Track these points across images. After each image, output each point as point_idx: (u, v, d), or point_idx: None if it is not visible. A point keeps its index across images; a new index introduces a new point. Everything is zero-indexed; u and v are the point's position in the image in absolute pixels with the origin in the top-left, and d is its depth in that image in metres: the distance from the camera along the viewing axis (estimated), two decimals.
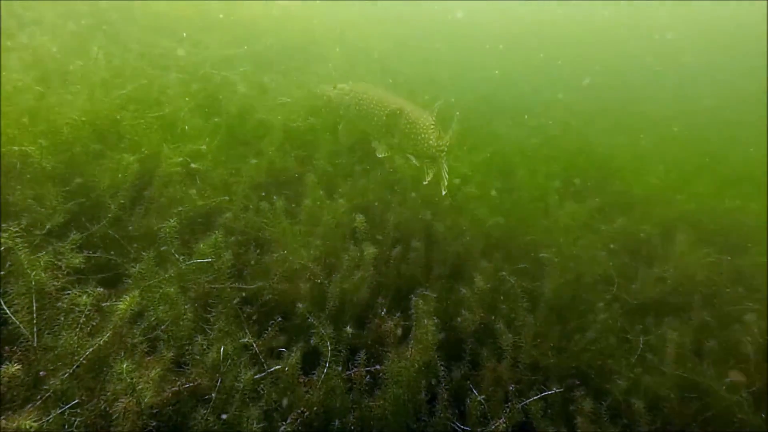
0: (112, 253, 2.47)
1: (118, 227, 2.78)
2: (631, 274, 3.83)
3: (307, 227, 3.42)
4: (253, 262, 3.11)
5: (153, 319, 2.12)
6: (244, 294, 2.83)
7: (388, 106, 3.95)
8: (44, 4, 4.27)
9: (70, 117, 2.75)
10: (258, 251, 3.27)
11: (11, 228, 1.79)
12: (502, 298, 3.00)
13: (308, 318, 2.48)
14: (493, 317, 2.96)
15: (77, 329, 1.77)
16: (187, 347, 2.13)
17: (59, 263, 2.01)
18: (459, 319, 2.87)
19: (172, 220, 2.29)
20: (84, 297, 1.76)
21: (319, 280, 2.84)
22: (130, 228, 2.83)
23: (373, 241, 3.15)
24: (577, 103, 9.18)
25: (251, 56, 5.24)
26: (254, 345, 2.27)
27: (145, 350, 2.02)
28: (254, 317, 2.67)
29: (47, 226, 2.27)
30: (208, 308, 2.52)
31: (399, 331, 2.80)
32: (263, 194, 3.68)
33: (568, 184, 5.32)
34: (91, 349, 1.75)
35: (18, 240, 1.77)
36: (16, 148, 2.47)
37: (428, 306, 2.79)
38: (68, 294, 1.81)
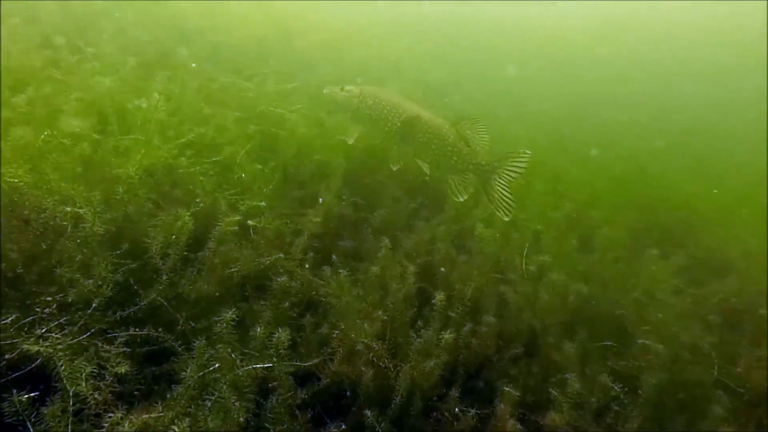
0: (159, 329, 2.21)
1: (167, 292, 2.54)
2: (733, 353, 3.30)
3: (367, 289, 3.11)
4: (308, 331, 2.80)
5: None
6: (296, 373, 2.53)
7: (403, 112, 3.74)
8: (104, 39, 4.20)
9: (127, 173, 2.54)
10: (312, 316, 2.97)
11: (56, 334, 1.54)
12: (595, 399, 2.54)
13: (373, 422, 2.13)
14: (585, 415, 2.52)
15: None
16: None
17: (103, 370, 1.76)
18: (545, 420, 2.46)
19: (229, 312, 2.00)
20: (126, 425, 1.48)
21: (383, 365, 2.50)
22: (180, 291, 2.59)
23: (442, 314, 2.79)
24: (645, 128, 8.52)
25: (307, 89, 5.03)
26: None
27: None
28: (310, 409, 2.34)
29: (93, 304, 2.03)
30: (262, 398, 2.23)
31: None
32: (319, 247, 3.40)
33: (646, 236, 4.80)
34: None
35: (59, 347, 1.52)
36: (68, 209, 2.26)
37: (511, 403, 2.39)
38: (110, 417, 1.53)
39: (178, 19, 5.52)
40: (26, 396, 1.45)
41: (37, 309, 1.97)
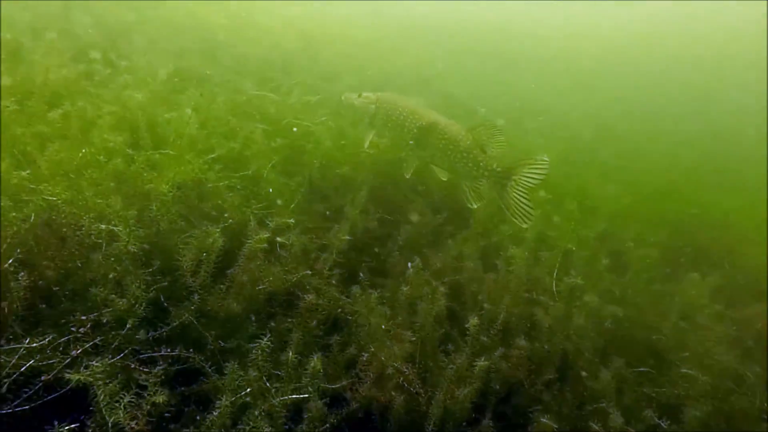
0: (190, 350, 2.19)
1: (197, 310, 2.53)
2: None
3: (395, 309, 3.06)
4: (336, 351, 2.76)
5: None
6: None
7: (420, 119, 3.73)
8: (136, 52, 4.26)
9: (159, 190, 2.55)
10: (339, 335, 2.93)
11: (94, 362, 1.52)
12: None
13: None
14: None
15: None
16: None
17: (141, 399, 1.74)
18: None
19: (264, 340, 1.97)
20: None
21: (414, 390, 2.44)
22: (209, 308, 2.57)
23: (474, 338, 2.71)
24: (673, 138, 8.29)
25: (331, 101, 5.03)
26: None
27: None
28: None
29: (128, 324, 2.02)
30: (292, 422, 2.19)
31: None
32: (345, 263, 3.36)
33: (679, 254, 4.65)
34: None
35: (98, 376, 1.51)
36: (103, 226, 2.27)
37: None
38: None
39: (206, 32, 5.60)
40: (67, 428, 1.43)
41: (72, 328, 1.97)
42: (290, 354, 2.15)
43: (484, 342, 2.75)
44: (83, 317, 2.03)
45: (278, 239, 2.89)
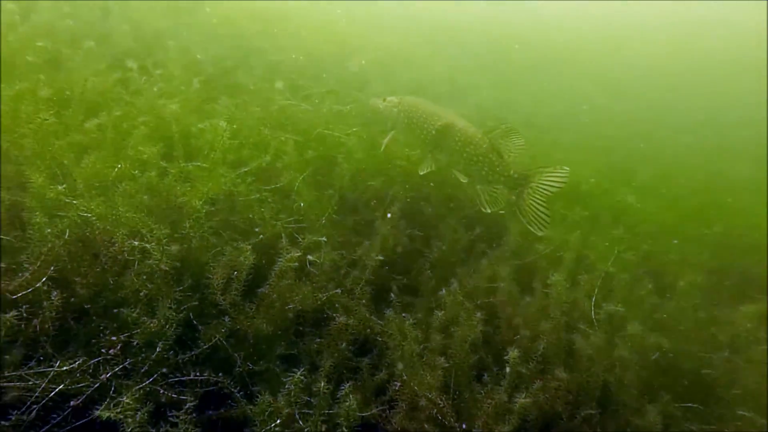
0: (219, 374, 2.13)
1: (226, 329, 2.48)
2: None
3: (427, 332, 2.95)
4: (366, 374, 2.67)
5: None
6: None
7: (438, 120, 3.71)
8: (170, 59, 4.28)
9: (192, 206, 2.50)
10: (369, 357, 2.84)
11: (126, 398, 1.47)
12: None
13: None
14: None
15: None
16: None
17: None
18: None
19: (297, 372, 1.89)
20: None
21: (449, 424, 2.32)
22: (239, 328, 2.52)
23: (512, 370, 2.58)
24: (714, 150, 7.89)
25: (363, 110, 4.95)
26: None
27: None
28: None
29: (158, 348, 1.97)
30: None
31: None
32: (375, 280, 3.26)
33: (723, 278, 4.39)
34: None
35: (129, 410, 1.45)
36: (136, 242, 2.23)
37: None
38: None
39: (241, 38, 5.61)
40: None
41: (102, 350, 1.93)
42: (322, 384, 2.06)
43: (522, 372, 2.61)
44: (113, 337, 1.99)
45: (309, 257, 2.81)
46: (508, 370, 2.45)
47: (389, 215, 3.71)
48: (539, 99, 7.66)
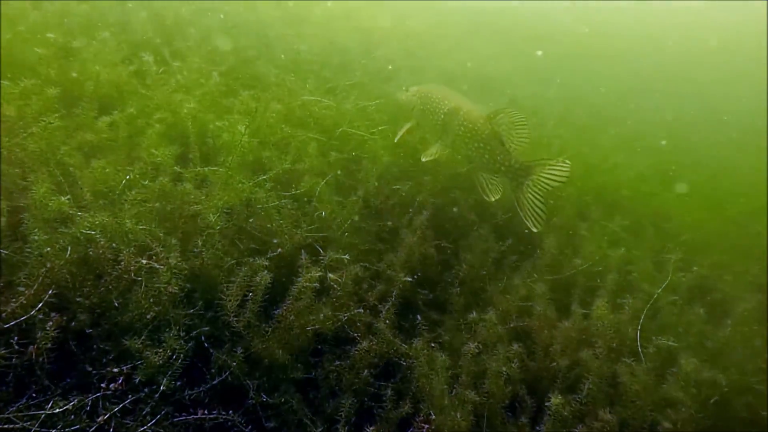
0: (230, 411, 1.94)
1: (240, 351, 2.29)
2: None
3: (453, 355, 2.72)
4: (389, 404, 2.46)
5: None
6: None
7: (447, 104, 3.62)
8: (190, 49, 4.06)
9: (206, 220, 2.30)
10: (393, 383, 2.63)
11: None
12: None
13: None
14: None
15: None
16: None
17: None
18: None
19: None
20: None
21: None
22: (252, 351, 2.33)
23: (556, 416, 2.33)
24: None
25: (388, 107, 4.67)
26: None
27: None
28: None
29: (162, 385, 1.79)
30: None
31: None
32: (399, 294, 3.03)
33: None
34: None
35: None
36: (144, 261, 2.04)
37: None
38: None
39: (262, 27, 5.35)
40: None
41: (102, 385, 1.75)
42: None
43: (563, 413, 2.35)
44: (115, 369, 1.81)
45: (329, 275, 2.59)
46: (548, 416, 2.20)
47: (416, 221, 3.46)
48: (575, 94, 7.22)
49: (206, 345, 2.22)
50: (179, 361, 1.90)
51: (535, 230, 3.30)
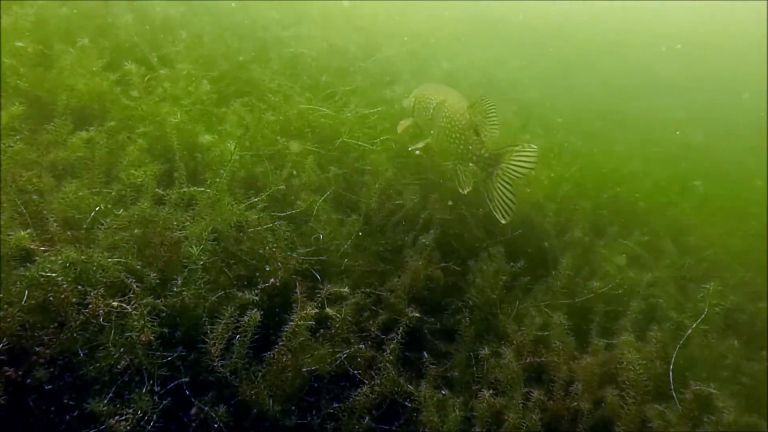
0: None
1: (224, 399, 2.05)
2: None
3: (464, 393, 2.48)
4: None
5: None
6: None
7: (436, 99, 3.55)
8: (180, 53, 3.80)
9: (189, 252, 2.05)
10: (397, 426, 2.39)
11: None
12: None
13: None
14: None
15: None
16: None
17: None
18: None
19: None
20: None
21: None
22: (239, 399, 2.08)
23: None
24: None
25: (391, 113, 4.42)
26: None
27: None
28: None
29: None
30: None
31: None
32: (402, 320, 2.78)
33: None
34: None
35: None
36: (114, 303, 1.79)
37: None
38: None
39: (257, 29, 5.08)
40: None
41: None
42: None
43: None
44: None
45: (327, 310, 2.33)
46: None
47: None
48: (583, 97, 6.93)
49: (187, 393, 1.97)
50: (151, 423, 1.64)
51: (503, 221, 3.16)
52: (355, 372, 2.48)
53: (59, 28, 3.27)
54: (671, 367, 2.52)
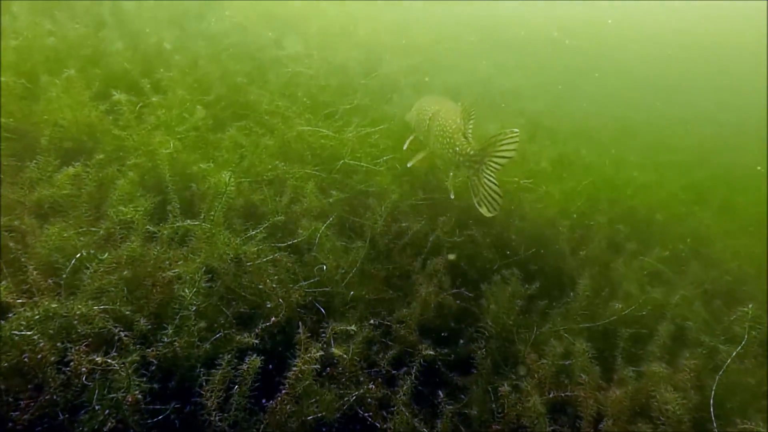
0: None
1: None
2: None
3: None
4: None
5: None
6: None
7: (432, 109, 3.58)
8: (173, 78, 3.69)
9: (183, 295, 1.89)
10: None
11: None
12: None
13: None
14: None
15: None
16: None
17: None
18: None
19: None
20: None
21: None
22: None
23: None
24: None
25: (395, 130, 4.28)
26: None
27: None
28: None
29: None
30: None
31: None
32: (414, 352, 2.59)
33: None
34: None
35: None
36: (98, 359, 1.63)
37: None
38: None
39: (254, 49, 4.99)
40: None
41: None
42: None
43: None
44: None
45: (333, 350, 2.16)
46: None
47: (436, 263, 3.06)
48: (590, 104, 6.77)
49: None
50: None
51: (489, 215, 3.07)
52: (366, 414, 2.30)
53: (48, 58, 3.16)
54: (711, 401, 2.31)
